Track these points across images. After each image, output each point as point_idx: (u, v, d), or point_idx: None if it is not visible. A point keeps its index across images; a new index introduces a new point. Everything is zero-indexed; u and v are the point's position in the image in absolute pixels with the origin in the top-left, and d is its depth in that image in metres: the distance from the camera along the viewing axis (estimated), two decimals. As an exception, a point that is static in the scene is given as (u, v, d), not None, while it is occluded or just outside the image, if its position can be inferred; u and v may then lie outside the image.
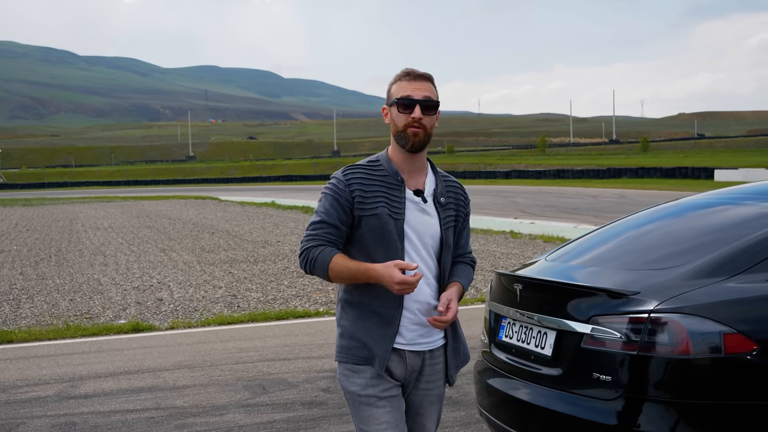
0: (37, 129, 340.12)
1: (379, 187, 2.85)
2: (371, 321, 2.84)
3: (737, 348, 2.90)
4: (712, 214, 3.77)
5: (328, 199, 2.86)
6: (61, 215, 31.52)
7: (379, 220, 2.81)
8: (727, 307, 2.97)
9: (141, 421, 5.24)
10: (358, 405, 2.85)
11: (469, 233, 3.08)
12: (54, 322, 9.23)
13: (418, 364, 2.89)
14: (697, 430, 2.93)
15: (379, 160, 2.93)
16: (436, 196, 2.93)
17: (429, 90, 2.88)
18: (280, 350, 7.27)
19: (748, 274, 3.10)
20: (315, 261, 2.82)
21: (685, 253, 3.33)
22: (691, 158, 74.89)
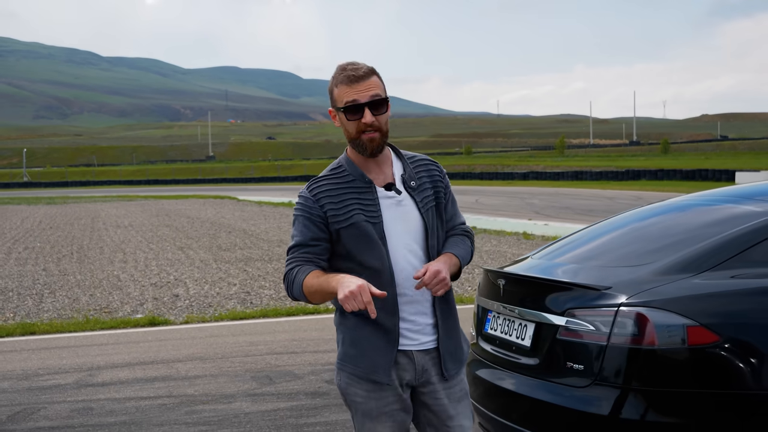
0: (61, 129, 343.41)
1: (348, 195, 2.74)
2: (370, 329, 2.74)
3: (700, 340, 3.13)
4: (688, 215, 4.00)
5: (299, 220, 2.77)
6: (84, 213, 32.01)
7: (357, 229, 2.71)
8: (692, 302, 3.20)
9: (154, 407, 5.53)
10: (359, 415, 2.80)
11: (455, 204, 2.95)
12: (74, 316, 9.55)
13: (428, 363, 2.79)
14: (662, 417, 3.15)
15: (341, 165, 2.80)
16: (405, 182, 2.80)
17: (375, 86, 2.70)
18: (288, 344, 7.53)
19: (714, 272, 3.32)
20: (293, 284, 2.72)
21: (657, 252, 3.56)
22: (713, 160, 74.39)
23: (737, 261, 3.35)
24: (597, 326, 3.25)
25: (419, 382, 2.79)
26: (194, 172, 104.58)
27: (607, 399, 3.20)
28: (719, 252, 3.39)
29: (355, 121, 2.69)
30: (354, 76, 2.68)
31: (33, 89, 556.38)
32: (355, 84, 2.67)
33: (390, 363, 2.73)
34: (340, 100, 2.70)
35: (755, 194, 3.96)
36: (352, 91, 2.67)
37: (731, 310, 3.23)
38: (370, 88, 2.68)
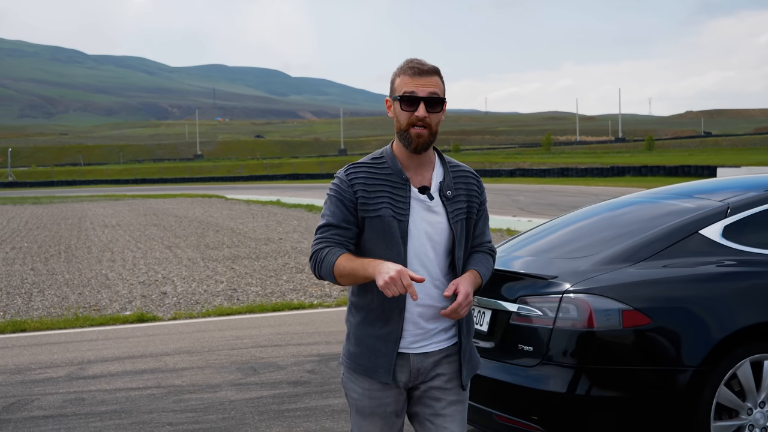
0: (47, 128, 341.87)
1: (382, 187, 2.75)
2: (375, 327, 2.78)
3: (633, 322, 3.50)
4: (632, 211, 4.37)
5: (332, 200, 2.79)
6: (70, 213, 32.15)
7: (382, 222, 2.72)
8: (627, 289, 3.57)
9: (143, 397, 5.84)
10: (354, 410, 2.87)
11: (486, 222, 2.96)
12: (64, 314, 9.82)
13: (425, 367, 2.82)
14: (603, 391, 3.53)
15: (383, 156, 2.82)
16: (442, 190, 2.80)
17: (435, 85, 2.74)
18: (272, 338, 7.85)
19: (648, 262, 3.69)
20: (321, 263, 2.74)
21: (600, 244, 3.93)
22: (696, 156, 75.15)
23: (669, 252, 3.72)
24: (544, 311, 3.61)
25: (413, 384, 2.83)
26: (182, 171, 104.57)
27: (554, 376, 3.56)
28: (654, 244, 3.76)
29: (408, 112, 2.72)
30: (419, 69, 2.73)
31: (17, 88, 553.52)
32: (418, 77, 2.72)
33: (391, 363, 2.76)
34: (399, 89, 2.74)
35: (693, 192, 4.34)
36: (413, 83, 2.71)
37: (662, 296, 3.60)
38: (431, 85, 2.72)
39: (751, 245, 3.89)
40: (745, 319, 3.65)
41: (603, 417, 3.53)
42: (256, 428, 5.05)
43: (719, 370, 3.60)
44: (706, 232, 3.86)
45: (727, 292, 3.71)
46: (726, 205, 4.01)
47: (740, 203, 4.02)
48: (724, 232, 3.88)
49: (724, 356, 3.60)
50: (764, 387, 3.72)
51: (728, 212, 3.97)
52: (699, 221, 3.90)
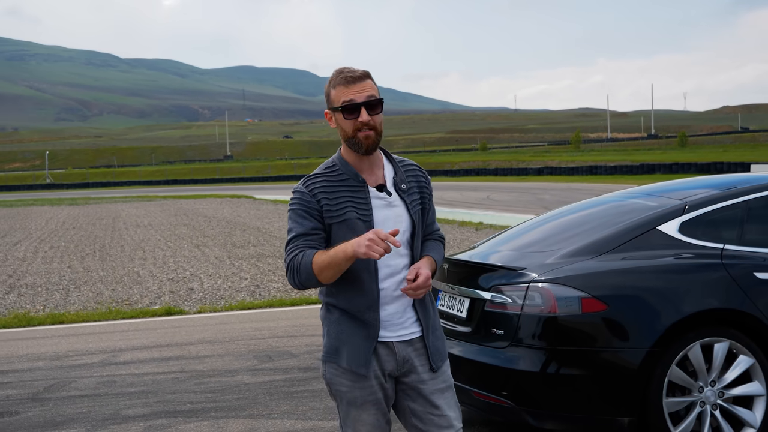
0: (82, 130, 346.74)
1: (342, 192, 2.86)
2: (352, 323, 2.86)
3: (591, 308, 3.97)
4: (603, 209, 4.85)
5: (297, 213, 2.87)
6: (105, 214, 32.99)
7: (348, 225, 2.83)
8: (587, 278, 4.04)
9: (167, 380, 6.39)
10: (343, 404, 2.92)
11: (434, 211, 3.10)
12: (98, 308, 10.43)
13: (411, 354, 2.90)
14: (563, 370, 4.01)
15: (335, 164, 2.92)
16: (397, 185, 2.92)
17: (370, 88, 2.85)
18: (289, 329, 8.38)
19: (608, 255, 4.17)
20: (299, 268, 2.80)
21: (568, 239, 4.41)
22: (730, 153, 74.07)
23: (629, 246, 4.19)
24: (513, 299, 4.09)
25: (401, 372, 2.91)
26: (212, 171, 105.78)
27: (522, 357, 4.04)
28: (615, 239, 4.24)
29: (351, 119, 2.82)
30: (351, 77, 2.84)
31: (54, 92, 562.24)
32: (352, 85, 2.83)
33: (368, 356, 2.84)
34: (338, 100, 2.85)
35: (659, 191, 4.81)
36: (349, 91, 2.82)
37: (618, 285, 4.07)
38: (366, 90, 2.83)
39: (705, 239, 4.31)
40: (695, 306, 4.07)
41: (565, 392, 4.00)
42: (267, 406, 5.57)
43: (670, 352, 4.02)
44: (663, 227, 4.30)
45: (680, 282, 4.13)
46: (684, 204, 4.44)
47: (697, 202, 4.45)
48: (680, 228, 4.31)
49: (675, 339, 4.03)
50: (714, 368, 4.12)
51: (685, 210, 4.40)
52: (658, 218, 4.35)
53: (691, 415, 4.09)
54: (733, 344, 4.14)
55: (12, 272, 14.65)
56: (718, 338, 4.12)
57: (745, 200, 4.45)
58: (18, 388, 6.32)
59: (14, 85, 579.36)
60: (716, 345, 4.13)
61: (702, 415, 4.13)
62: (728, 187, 4.61)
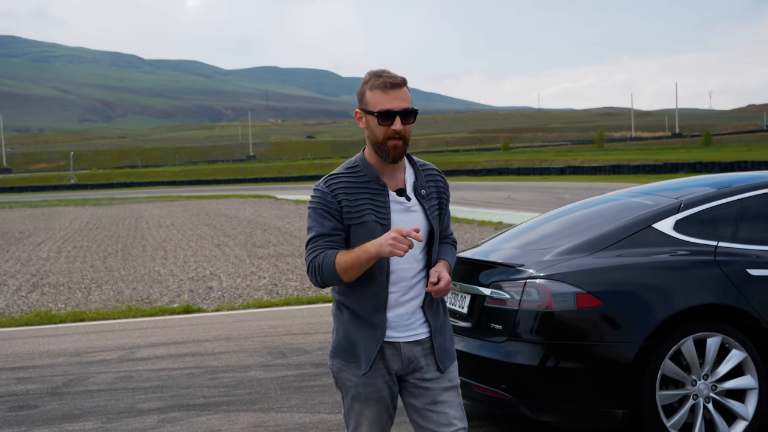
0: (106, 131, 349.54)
1: (363, 194, 2.88)
2: (360, 323, 2.92)
3: (586, 304, 4.09)
4: (603, 208, 4.96)
5: (317, 212, 2.90)
6: (128, 214, 33.36)
7: (366, 228, 2.85)
8: (582, 275, 4.16)
9: (183, 375, 6.57)
10: (348, 397, 3.00)
11: (450, 216, 3.13)
12: (118, 306, 10.65)
13: (415, 355, 2.95)
14: (560, 363, 4.12)
15: (357, 165, 2.94)
16: (416, 190, 2.95)
17: (406, 97, 2.86)
18: (303, 327, 8.53)
19: (604, 252, 4.28)
20: (322, 267, 2.84)
21: (566, 237, 4.53)
22: (755, 152, 73.39)
23: (624, 243, 4.30)
24: (512, 295, 4.21)
25: (407, 371, 2.97)
26: (235, 172, 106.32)
27: (519, 351, 4.16)
28: (611, 236, 4.35)
29: (384, 127, 2.84)
30: (391, 83, 2.85)
31: (78, 93, 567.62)
32: (391, 91, 2.83)
33: (373, 355, 2.90)
34: (374, 105, 2.84)
35: (656, 190, 4.91)
36: (387, 98, 2.83)
37: (613, 281, 4.19)
38: (404, 99, 2.84)
39: (699, 237, 4.42)
40: (688, 301, 4.18)
41: (561, 385, 4.12)
42: (277, 400, 5.72)
43: (664, 346, 4.13)
44: (659, 225, 4.42)
45: (673, 278, 4.24)
46: (679, 202, 4.56)
47: (692, 200, 4.57)
48: (675, 226, 4.44)
49: (668, 334, 4.14)
50: (707, 362, 4.23)
51: (680, 208, 4.52)
52: (653, 216, 4.47)
53: (684, 407, 4.20)
54: (725, 339, 4.25)
55: (35, 271, 14.94)
56: (710, 333, 4.22)
57: (739, 199, 4.56)
58: (38, 383, 6.52)
59: (39, 86, 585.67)
60: (709, 339, 4.23)
61: (695, 407, 4.23)
62: (723, 186, 4.71)
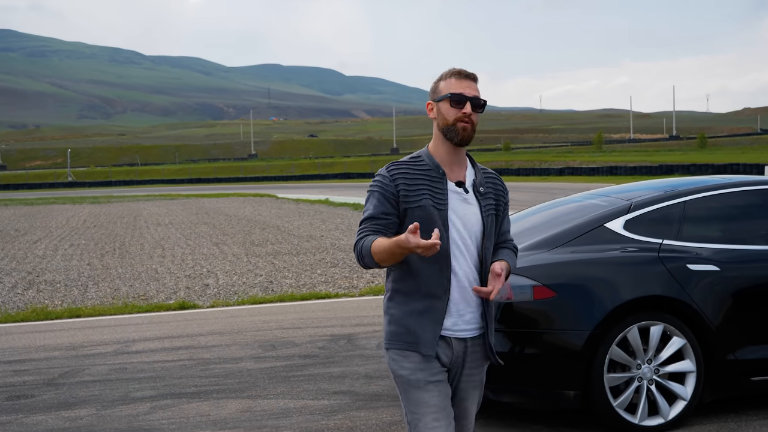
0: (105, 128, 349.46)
1: (422, 181, 3.01)
2: (419, 307, 2.99)
3: (542, 295, 4.51)
4: (564, 209, 5.35)
5: (375, 195, 3.03)
6: (126, 212, 33.64)
7: (424, 211, 2.96)
8: (539, 269, 4.57)
9: (176, 367, 6.92)
10: (407, 389, 3.01)
11: (509, 222, 3.24)
12: (114, 302, 10.98)
13: (461, 351, 3.05)
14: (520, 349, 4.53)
15: (421, 156, 3.09)
16: (476, 186, 3.08)
17: (477, 89, 3.07)
18: (295, 322, 8.87)
19: (559, 248, 4.69)
20: (362, 249, 2.96)
21: (528, 234, 4.95)
22: (748, 154, 74.11)
23: (578, 241, 4.72)
24: (477, 288, 4.59)
25: (451, 366, 3.06)
26: (236, 170, 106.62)
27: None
28: (567, 235, 4.77)
29: (456, 109, 3.02)
30: (463, 73, 3.07)
31: (77, 89, 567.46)
32: (463, 80, 3.05)
33: (436, 337, 2.98)
34: (446, 90, 3.05)
35: (611, 193, 5.35)
36: (460, 85, 3.04)
37: (566, 275, 4.62)
38: (475, 89, 3.06)
39: (646, 235, 4.87)
40: (633, 293, 4.64)
41: (519, 369, 4.57)
42: (264, 389, 6.08)
43: (611, 334, 4.61)
44: (610, 225, 4.88)
45: (621, 272, 4.69)
46: (630, 204, 5.03)
47: (641, 202, 5.04)
48: (625, 225, 4.90)
49: (616, 323, 4.61)
50: (651, 348, 4.72)
51: (630, 209, 4.98)
52: (606, 216, 4.93)
53: (629, 389, 4.69)
54: (667, 327, 4.72)
55: (31, 269, 15.26)
56: (654, 322, 4.69)
57: (683, 201, 5.03)
58: (34, 375, 6.87)
59: (36, 81, 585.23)
60: (652, 328, 4.70)
61: (640, 389, 4.72)
62: (670, 190, 5.16)
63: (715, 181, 5.30)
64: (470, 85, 3.05)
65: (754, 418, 5.05)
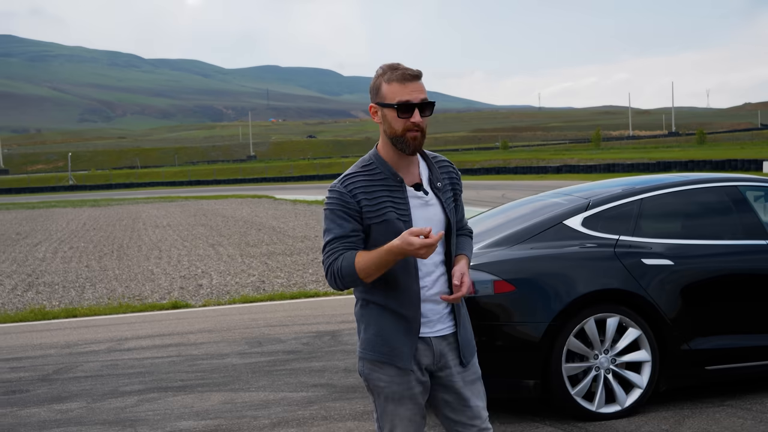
0: (105, 132, 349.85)
1: (381, 192, 2.87)
2: (393, 318, 2.91)
3: (502, 289, 4.76)
4: (529, 207, 5.59)
5: (335, 213, 2.88)
6: (125, 215, 33.89)
7: (388, 225, 2.84)
8: (500, 265, 4.82)
9: (165, 362, 7.18)
10: (381, 399, 2.97)
11: (463, 207, 3.13)
12: (110, 303, 11.23)
13: (445, 349, 2.97)
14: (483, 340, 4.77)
15: (372, 162, 2.93)
16: (432, 183, 2.96)
17: (423, 89, 2.87)
18: (283, 319, 9.12)
19: (521, 244, 4.93)
20: (341, 269, 2.82)
21: (492, 232, 5.18)
22: (747, 150, 74.27)
23: (538, 238, 4.97)
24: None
25: (437, 367, 2.97)
26: (235, 172, 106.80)
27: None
28: (528, 232, 5.02)
29: (404, 119, 2.83)
30: (409, 75, 2.85)
31: (77, 93, 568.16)
32: (409, 83, 2.84)
33: (412, 350, 2.90)
34: (392, 98, 2.84)
35: (572, 191, 5.62)
36: (406, 90, 2.83)
37: (525, 270, 4.87)
38: (421, 91, 2.85)
39: (603, 231, 5.13)
40: (590, 286, 4.90)
41: (482, 359, 4.71)
42: (247, 382, 6.34)
43: (569, 325, 4.86)
44: (569, 222, 5.14)
45: (578, 267, 4.94)
46: (588, 201, 5.28)
47: (599, 200, 5.30)
48: (584, 222, 5.15)
49: (573, 315, 4.87)
50: (607, 338, 4.98)
51: (589, 207, 5.24)
52: (565, 214, 5.18)
53: (587, 378, 4.94)
54: (623, 319, 4.97)
55: (31, 271, 15.53)
56: (610, 314, 4.94)
57: (639, 199, 5.28)
58: (30, 371, 7.13)
59: (37, 86, 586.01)
60: (609, 319, 4.95)
61: (597, 378, 4.97)
62: (628, 188, 5.41)
63: (671, 179, 5.57)
64: (416, 87, 2.86)
65: (709, 405, 5.28)
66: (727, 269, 5.16)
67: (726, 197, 5.35)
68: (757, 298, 5.18)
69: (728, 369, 5.13)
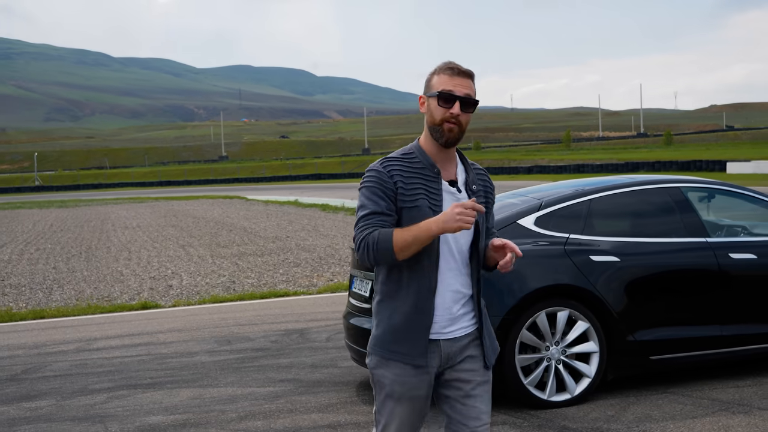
0: (73, 131, 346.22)
1: (417, 179, 2.91)
2: (407, 312, 2.91)
3: None
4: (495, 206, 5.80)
5: (372, 191, 2.90)
6: (94, 216, 33.69)
7: (419, 212, 2.86)
8: None
9: (134, 361, 7.30)
10: (383, 395, 2.99)
11: (494, 217, 3.20)
12: (78, 304, 11.28)
13: (454, 351, 2.97)
14: None
15: (413, 152, 2.97)
16: (468, 185, 2.99)
17: (470, 87, 2.93)
18: (252, 318, 9.27)
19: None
20: (377, 242, 2.81)
21: None
22: (712, 151, 75.55)
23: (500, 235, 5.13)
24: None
25: (445, 366, 3.00)
26: (206, 172, 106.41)
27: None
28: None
29: (444, 108, 2.90)
30: (458, 70, 2.93)
31: (43, 91, 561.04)
32: (456, 77, 2.91)
33: (424, 347, 2.92)
34: (437, 87, 2.92)
35: (528, 192, 5.90)
36: (452, 82, 2.90)
37: None
38: (468, 87, 2.92)
39: (554, 230, 5.42)
40: (542, 282, 5.19)
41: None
42: (216, 378, 6.50)
43: (522, 319, 5.14)
44: (522, 221, 5.42)
45: (531, 264, 5.20)
46: (540, 202, 5.56)
47: (551, 201, 5.59)
48: (536, 221, 5.44)
49: (525, 309, 5.14)
50: (558, 331, 5.28)
51: (541, 207, 5.52)
52: (519, 214, 5.46)
53: (539, 368, 5.24)
54: (572, 312, 5.27)
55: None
56: (560, 308, 5.24)
57: (588, 199, 5.59)
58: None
59: (1, 84, 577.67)
60: (559, 313, 5.24)
61: (548, 368, 5.27)
62: (578, 189, 5.71)
63: (618, 181, 5.89)
64: (463, 83, 2.93)
65: (653, 392, 5.62)
66: (669, 265, 5.50)
67: (669, 198, 5.69)
68: (697, 292, 5.54)
69: (671, 359, 5.48)
